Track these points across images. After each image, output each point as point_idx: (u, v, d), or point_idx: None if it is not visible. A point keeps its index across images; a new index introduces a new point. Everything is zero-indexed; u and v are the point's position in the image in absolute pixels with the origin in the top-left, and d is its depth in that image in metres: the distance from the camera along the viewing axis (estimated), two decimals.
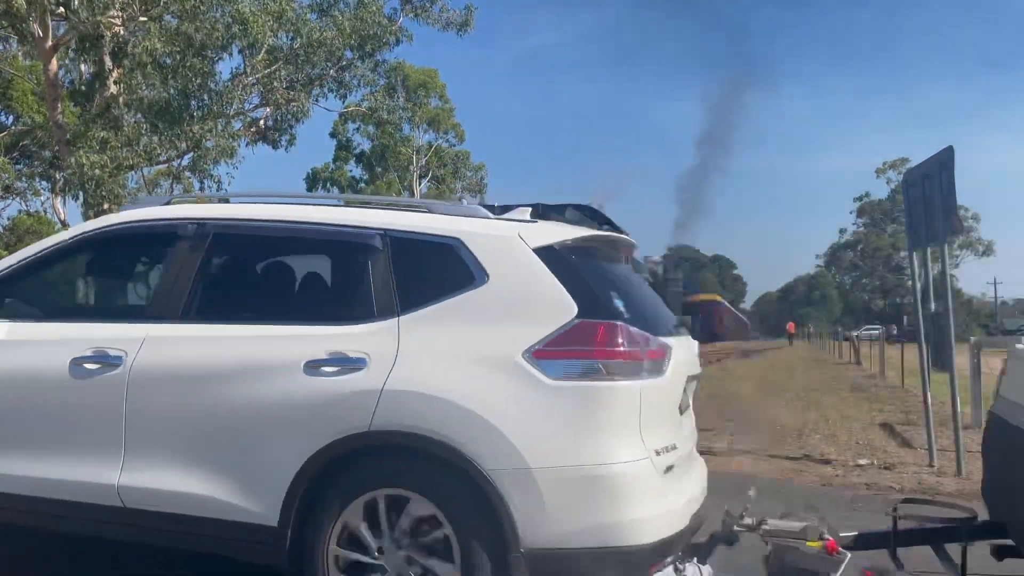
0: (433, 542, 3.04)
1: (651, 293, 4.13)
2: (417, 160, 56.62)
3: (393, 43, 18.96)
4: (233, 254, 3.86)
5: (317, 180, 57.20)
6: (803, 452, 8.02)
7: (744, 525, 3.59)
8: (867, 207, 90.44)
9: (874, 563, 3.50)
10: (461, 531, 2.96)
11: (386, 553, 3.05)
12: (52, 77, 15.44)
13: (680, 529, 3.20)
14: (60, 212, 31.18)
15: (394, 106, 23.11)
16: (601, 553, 2.93)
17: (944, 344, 7.20)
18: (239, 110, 17.14)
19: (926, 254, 7.61)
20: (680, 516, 3.24)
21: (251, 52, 16.22)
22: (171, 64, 14.73)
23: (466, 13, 20.62)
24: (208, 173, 16.86)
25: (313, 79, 18.31)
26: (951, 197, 6.90)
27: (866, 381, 18.24)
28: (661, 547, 3.07)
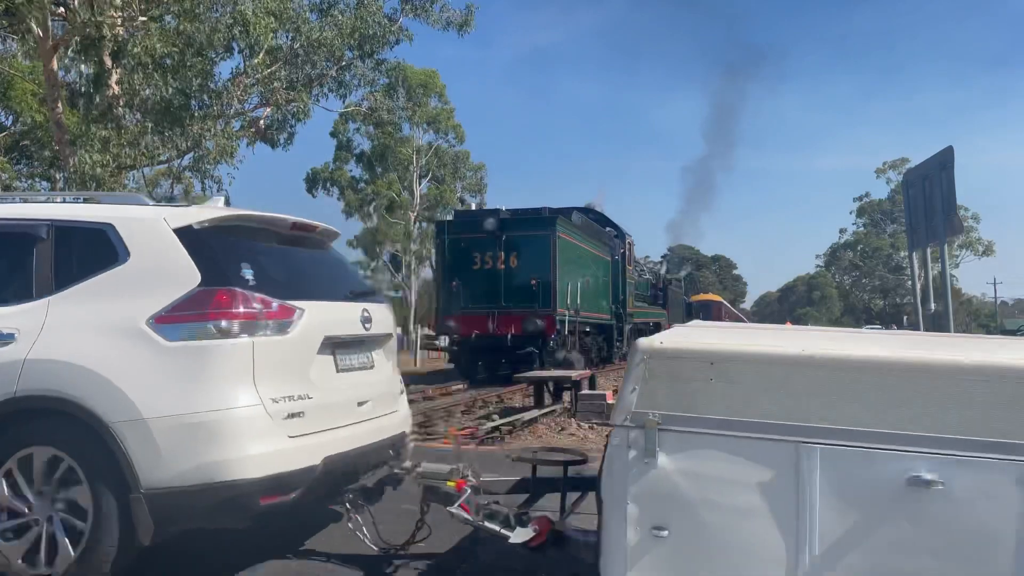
0: (72, 493, 3.46)
1: (315, 266, 4.59)
2: (417, 160, 56.64)
3: (393, 42, 18.99)
4: None
5: (317, 180, 57.23)
6: None
7: (404, 468, 4.13)
8: (867, 207, 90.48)
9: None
10: (93, 479, 3.40)
11: (35, 507, 3.48)
12: (52, 77, 15.45)
13: (302, 467, 3.60)
14: None
15: (394, 107, 23.09)
16: (212, 488, 3.36)
17: None
18: (239, 110, 17.15)
19: (926, 254, 7.62)
20: (302, 456, 3.62)
21: (251, 52, 16.24)
22: (172, 64, 14.73)
23: (466, 12, 20.64)
24: (208, 174, 16.89)
25: (313, 79, 18.32)
26: (951, 197, 6.91)
27: None
28: (273, 482, 3.47)
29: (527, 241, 17.65)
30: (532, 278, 17.30)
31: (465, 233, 18.08)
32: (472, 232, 17.84)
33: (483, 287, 17.53)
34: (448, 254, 18.18)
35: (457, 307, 17.56)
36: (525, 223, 18.11)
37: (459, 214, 19.70)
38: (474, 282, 17.60)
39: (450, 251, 18.10)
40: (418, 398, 16.22)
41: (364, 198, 56.65)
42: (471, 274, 17.62)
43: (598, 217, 24.41)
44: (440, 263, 18.87)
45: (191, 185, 18.53)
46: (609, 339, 23.45)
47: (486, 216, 18.03)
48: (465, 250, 17.84)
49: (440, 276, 18.82)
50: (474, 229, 17.84)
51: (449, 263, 18.09)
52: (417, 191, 57.68)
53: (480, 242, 17.63)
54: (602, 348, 22.74)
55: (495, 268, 17.46)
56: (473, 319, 17.31)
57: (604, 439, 9.07)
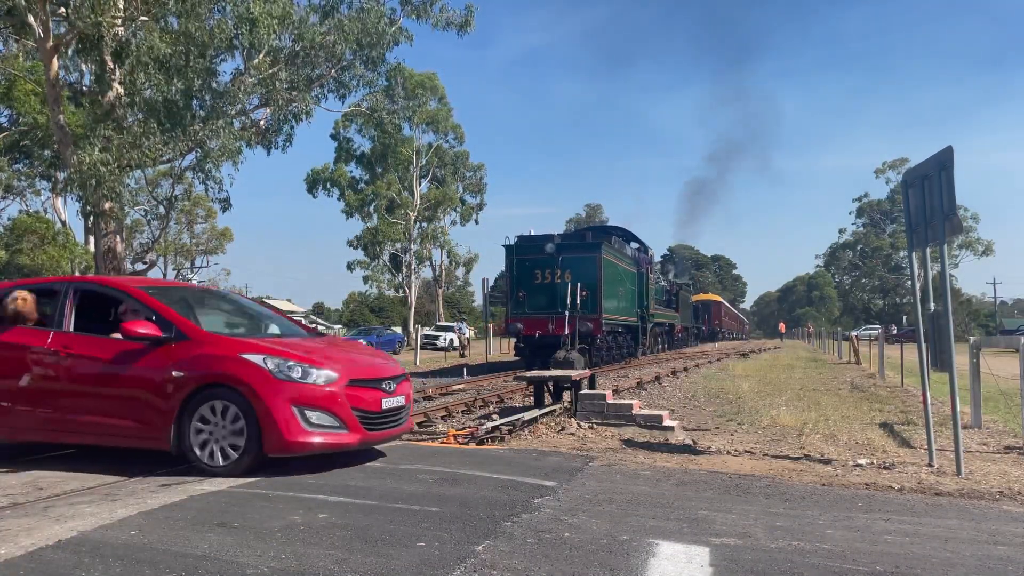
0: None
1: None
2: (417, 160, 56.62)
3: (392, 43, 18.97)
4: None
5: (317, 181, 57.23)
6: (803, 452, 8.04)
7: None
8: (866, 207, 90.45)
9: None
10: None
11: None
12: (53, 78, 15.44)
13: None
14: (60, 212, 31.24)
15: (394, 108, 23.10)
16: None
17: (943, 344, 7.22)
18: (240, 111, 17.14)
19: (926, 254, 7.62)
20: None
21: (253, 53, 16.22)
22: (174, 64, 14.71)
23: (466, 13, 20.66)
24: (210, 174, 16.86)
25: (313, 80, 18.32)
26: (950, 197, 6.92)
27: (866, 381, 18.25)
28: None
29: (578, 260, 21.92)
30: (583, 290, 21.31)
31: (528, 254, 22.31)
32: (534, 253, 22.17)
33: (543, 297, 21.89)
34: (516, 270, 22.52)
35: (522, 312, 22.03)
36: (576, 246, 22.63)
37: (522, 239, 23.33)
38: (536, 293, 22.10)
39: (517, 268, 22.47)
40: (418, 397, 16.24)
41: (364, 198, 56.65)
42: (533, 286, 22.06)
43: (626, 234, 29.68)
44: (508, 277, 23.17)
45: (192, 186, 18.49)
46: (636, 338, 28.18)
47: (545, 241, 22.29)
48: (529, 267, 22.19)
49: (508, 288, 23.11)
50: (535, 251, 22.17)
51: (516, 277, 22.47)
52: (417, 191, 57.69)
53: (540, 261, 22.00)
54: (631, 346, 27.47)
55: (553, 282, 21.76)
56: (535, 322, 21.65)
57: (604, 438, 9.10)
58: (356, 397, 6.27)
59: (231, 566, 3.89)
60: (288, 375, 5.99)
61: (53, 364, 6.64)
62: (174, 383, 6.10)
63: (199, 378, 6.06)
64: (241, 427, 5.92)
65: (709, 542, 4.56)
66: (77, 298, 6.99)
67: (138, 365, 6.30)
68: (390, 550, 4.20)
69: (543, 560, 4.09)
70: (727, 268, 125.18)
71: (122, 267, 17.25)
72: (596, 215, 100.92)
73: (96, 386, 6.45)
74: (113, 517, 4.82)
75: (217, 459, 5.99)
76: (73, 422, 6.46)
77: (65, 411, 6.52)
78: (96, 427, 6.39)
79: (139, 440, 6.28)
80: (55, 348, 6.65)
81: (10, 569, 3.81)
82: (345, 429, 6.16)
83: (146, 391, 6.21)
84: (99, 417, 6.36)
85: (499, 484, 5.99)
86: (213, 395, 6.03)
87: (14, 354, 6.77)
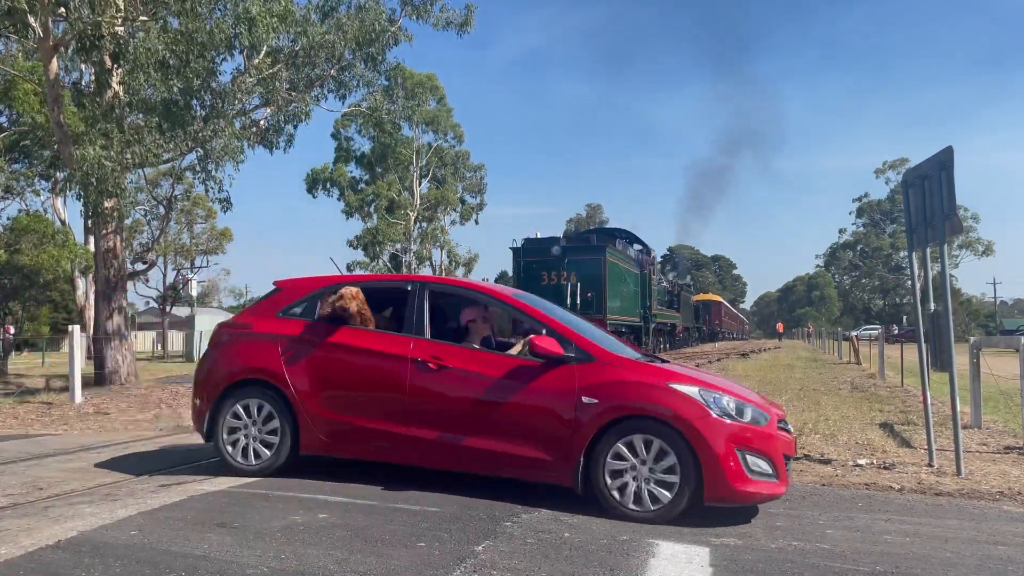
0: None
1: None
2: (417, 160, 56.62)
3: (392, 42, 18.97)
4: None
5: (317, 181, 57.22)
6: (803, 452, 8.03)
7: None
8: (867, 207, 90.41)
9: None
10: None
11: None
12: (53, 78, 15.43)
13: None
14: (60, 212, 31.22)
15: (394, 109, 23.11)
16: None
17: (944, 344, 7.21)
18: (240, 111, 17.13)
19: (926, 254, 7.62)
20: None
21: (252, 53, 16.21)
22: (173, 64, 14.69)
23: (466, 13, 20.65)
24: (210, 174, 16.85)
25: (313, 80, 18.31)
26: (951, 197, 6.92)
27: (866, 381, 18.24)
28: None
29: (583, 263, 22.42)
30: (588, 291, 22.06)
31: (534, 256, 22.82)
32: (540, 256, 22.66)
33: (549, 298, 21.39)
34: (523, 272, 23.10)
35: None
36: (581, 249, 23.10)
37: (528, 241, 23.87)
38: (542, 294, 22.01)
39: (524, 270, 23.06)
40: None
41: (364, 198, 56.65)
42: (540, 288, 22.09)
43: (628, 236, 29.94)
44: (516, 279, 23.70)
45: (192, 186, 18.49)
46: (639, 338, 28.34)
47: (550, 243, 22.89)
48: (535, 269, 22.67)
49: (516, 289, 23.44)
50: (542, 253, 22.66)
51: (523, 279, 22.92)
52: (417, 191, 57.68)
53: (547, 263, 22.48)
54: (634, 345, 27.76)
55: (559, 283, 22.20)
56: None
57: None
58: (783, 439, 5.41)
59: (231, 566, 3.89)
60: (727, 412, 5.14)
61: (420, 376, 5.72)
62: (584, 411, 5.23)
63: (615, 408, 5.19)
64: (672, 466, 5.04)
65: (709, 542, 4.56)
66: (431, 301, 6.13)
67: (535, 387, 5.42)
68: (390, 550, 4.20)
69: (543, 560, 4.08)
70: (727, 268, 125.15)
71: (122, 267, 17.25)
72: (596, 215, 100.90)
73: (480, 407, 5.54)
74: (113, 517, 4.82)
75: (646, 503, 5.08)
76: (450, 446, 5.57)
77: (438, 432, 5.61)
78: (479, 454, 5.50)
79: (535, 472, 5.40)
80: (421, 358, 5.75)
81: (10, 569, 3.81)
82: (775, 477, 5.21)
83: (546, 418, 5.34)
84: (484, 442, 5.47)
85: (499, 484, 5.99)
86: (634, 429, 5.15)
87: (357, 360, 5.94)
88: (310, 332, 6.16)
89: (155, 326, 56.28)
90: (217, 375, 6.33)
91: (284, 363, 6.07)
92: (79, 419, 12.64)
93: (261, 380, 6.12)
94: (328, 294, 6.25)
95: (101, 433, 10.21)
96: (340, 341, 6.03)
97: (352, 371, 5.94)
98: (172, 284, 47.64)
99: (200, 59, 14.87)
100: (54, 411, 13.44)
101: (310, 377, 5.98)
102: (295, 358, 6.07)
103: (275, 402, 6.05)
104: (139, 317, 63.05)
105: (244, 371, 6.21)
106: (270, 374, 6.08)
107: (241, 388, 6.18)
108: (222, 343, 6.57)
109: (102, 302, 16.84)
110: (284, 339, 6.18)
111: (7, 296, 22.31)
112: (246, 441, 6.08)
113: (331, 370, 5.98)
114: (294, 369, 6.03)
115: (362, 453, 5.90)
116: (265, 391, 6.10)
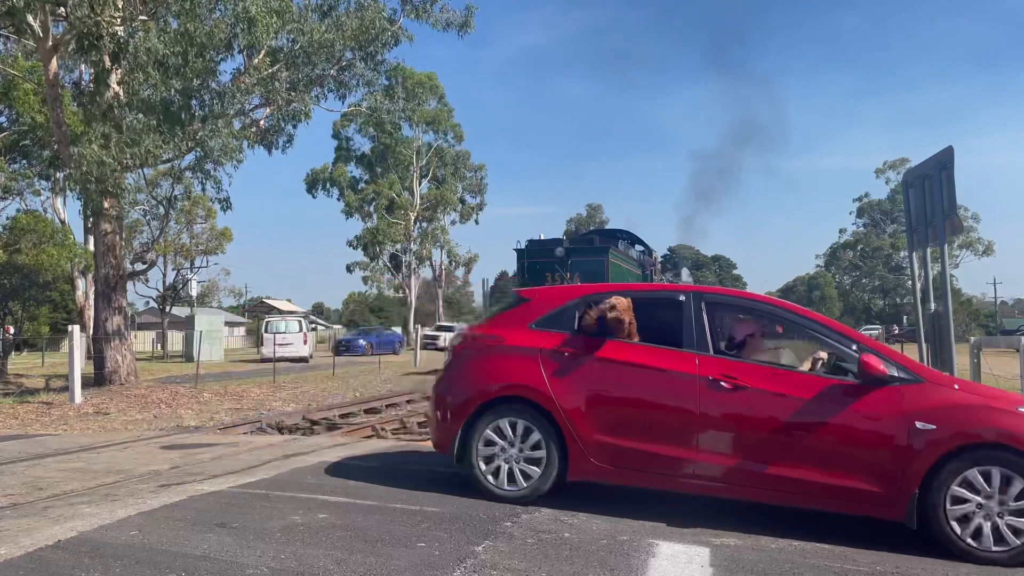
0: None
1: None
2: (417, 160, 56.62)
3: (393, 42, 18.96)
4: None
5: (317, 181, 57.24)
6: None
7: None
8: (867, 207, 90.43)
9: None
10: None
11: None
12: (52, 77, 15.43)
13: None
14: (60, 212, 31.21)
15: (394, 109, 23.10)
16: None
17: (944, 344, 7.21)
18: (240, 110, 17.12)
19: (926, 254, 7.62)
20: None
21: (252, 52, 16.20)
22: (173, 64, 14.68)
23: (466, 13, 20.64)
24: (209, 174, 16.83)
25: (313, 80, 18.30)
26: (951, 197, 6.92)
27: None
28: None
29: (586, 263, 22.69)
30: None
31: (539, 257, 23.17)
32: (544, 257, 23.00)
33: None
34: (527, 273, 23.46)
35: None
36: (584, 250, 23.58)
37: (532, 243, 24.38)
38: None
39: (528, 271, 23.40)
40: (418, 398, 16.24)
41: (364, 198, 56.66)
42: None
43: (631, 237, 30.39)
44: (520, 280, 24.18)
45: (191, 186, 18.47)
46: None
47: (554, 245, 23.45)
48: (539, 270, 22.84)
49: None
50: (546, 254, 23.02)
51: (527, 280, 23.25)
52: (417, 191, 57.69)
53: (551, 264, 22.70)
54: None
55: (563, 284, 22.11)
56: None
57: None
58: None
59: (231, 566, 3.88)
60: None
61: (712, 396, 5.17)
62: (919, 438, 4.71)
63: (958, 435, 4.65)
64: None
65: (709, 542, 4.56)
66: (707, 313, 5.57)
67: (857, 410, 4.90)
68: (390, 550, 4.20)
69: (543, 560, 4.08)
70: (727, 268, 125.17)
71: (122, 266, 17.25)
72: (597, 215, 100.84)
73: (788, 432, 4.99)
74: (113, 517, 4.81)
75: (995, 542, 4.55)
76: (749, 474, 5.01)
77: (736, 459, 5.07)
78: (787, 484, 4.94)
79: (856, 505, 4.85)
80: (712, 376, 5.20)
81: (10, 569, 3.81)
82: None
83: (873, 445, 4.83)
84: (793, 470, 4.93)
85: None
86: (985, 459, 4.60)
87: (635, 377, 5.36)
88: (574, 345, 5.59)
89: (155, 326, 56.29)
90: (468, 392, 5.72)
91: (548, 379, 5.49)
92: (79, 419, 12.64)
93: (521, 398, 5.55)
94: (588, 304, 5.71)
95: (101, 433, 10.20)
96: (612, 356, 5.47)
97: (630, 389, 5.37)
98: (172, 284, 47.65)
99: (199, 59, 14.85)
100: (54, 411, 13.44)
101: (579, 395, 5.40)
102: (560, 374, 5.50)
103: (539, 422, 5.45)
104: (139, 317, 63.04)
105: (502, 388, 5.61)
106: (532, 391, 5.50)
107: (497, 406, 5.59)
108: (469, 356, 5.95)
109: (102, 302, 16.84)
110: (545, 353, 5.60)
111: (7, 296, 22.30)
112: (507, 465, 5.49)
113: (604, 387, 5.42)
114: (560, 386, 5.45)
115: (642, 480, 5.31)
116: (526, 410, 5.51)
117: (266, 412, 14.21)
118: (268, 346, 31.79)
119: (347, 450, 7.83)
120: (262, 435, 10.56)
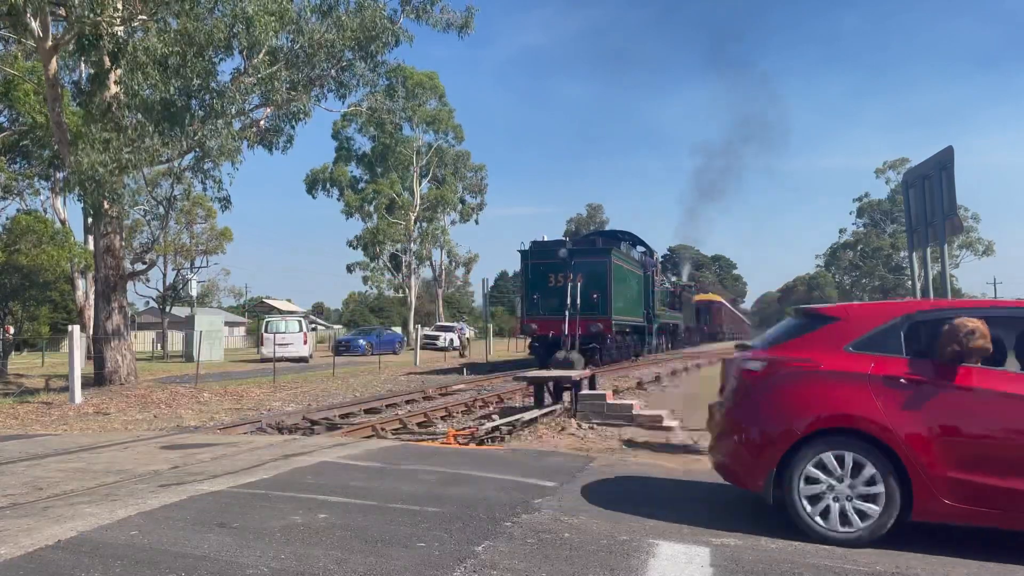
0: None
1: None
2: (417, 160, 56.60)
3: (393, 42, 18.95)
4: None
5: (317, 181, 57.23)
6: None
7: None
8: (867, 207, 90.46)
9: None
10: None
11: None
12: (52, 77, 15.43)
13: None
14: (60, 212, 31.20)
15: (394, 109, 23.09)
16: None
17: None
18: (240, 110, 17.11)
19: (926, 254, 7.62)
20: None
21: (252, 52, 16.19)
22: (172, 64, 14.67)
23: (466, 14, 20.62)
24: (209, 174, 16.82)
25: (313, 80, 18.29)
26: (951, 197, 6.92)
27: None
28: None
29: (589, 265, 23.09)
30: (593, 293, 22.78)
31: (542, 259, 23.60)
32: (547, 258, 23.45)
33: (556, 299, 23.03)
34: (530, 274, 23.88)
35: (536, 314, 23.51)
36: (587, 252, 23.73)
37: (535, 244, 24.68)
38: (549, 295, 23.36)
39: (532, 272, 23.80)
40: (418, 398, 16.25)
41: (364, 198, 56.65)
42: (547, 289, 23.35)
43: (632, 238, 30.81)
44: (523, 281, 24.52)
45: (191, 185, 18.46)
46: (643, 338, 29.60)
47: (558, 246, 23.79)
48: (543, 272, 23.47)
49: (524, 290, 24.65)
50: (549, 256, 23.44)
51: (531, 281, 23.84)
52: (417, 191, 57.67)
53: (554, 265, 23.20)
54: (638, 345, 29.05)
55: (565, 285, 22.79)
56: (549, 322, 23.01)
57: (604, 439, 9.07)
58: None
59: (231, 566, 3.88)
60: None
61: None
62: None
63: None
64: None
65: (709, 542, 4.56)
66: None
67: None
68: (390, 550, 4.20)
69: (543, 560, 4.08)
70: (727, 268, 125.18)
71: (122, 266, 17.24)
72: (597, 215, 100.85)
73: None
74: (113, 517, 4.81)
75: None
76: None
77: None
78: None
79: None
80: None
81: (10, 569, 3.81)
82: None
83: None
84: None
85: (499, 484, 5.98)
86: None
87: (1004, 409, 4.77)
88: (920, 371, 5.02)
89: (155, 326, 56.26)
90: (784, 423, 5.13)
91: (883, 408, 4.93)
92: (79, 419, 12.64)
93: (849, 429, 5.00)
94: (933, 325, 5.14)
95: (101, 433, 10.20)
96: (967, 384, 4.87)
97: (997, 422, 4.78)
98: (172, 284, 47.64)
99: (199, 59, 14.85)
100: (54, 411, 13.44)
101: (925, 428, 4.83)
102: (901, 402, 4.95)
103: (872, 455, 4.89)
104: (139, 317, 63.00)
105: (827, 419, 5.03)
106: (865, 422, 4.93)
107: (817, 439, 5.03)
108: (776, 383, 5.36)
109: (102, 302, 16.84)
110: (875, 379, 5.02)
111: (7, 296, 22.29)
112: (836, 504, 4.89)
113: (961, 420, 4.83)
114: (901, 416, 4.90)
115: (1010, 523, 4.70)
116: (854, 441, 4.96)
117: (266, 412, 14.20)
118: (268, 346, 31.79)
119: (347, 450, 7.83)
120: (262, 435, 10.56)
